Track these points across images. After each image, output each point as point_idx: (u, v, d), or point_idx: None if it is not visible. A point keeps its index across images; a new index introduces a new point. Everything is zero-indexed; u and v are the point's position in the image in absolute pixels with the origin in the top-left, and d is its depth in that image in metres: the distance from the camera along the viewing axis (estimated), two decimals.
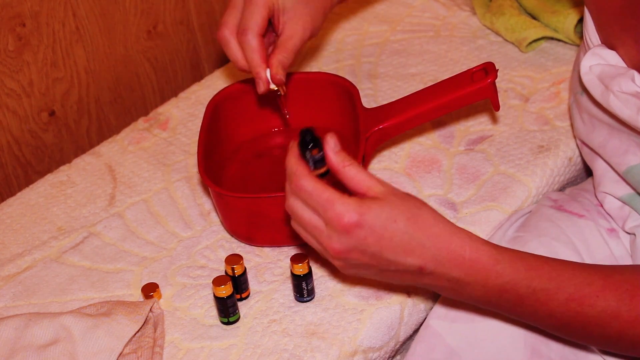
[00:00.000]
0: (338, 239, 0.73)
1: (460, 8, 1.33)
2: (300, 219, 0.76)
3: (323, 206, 0.73)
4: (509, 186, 1.02)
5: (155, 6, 1.27)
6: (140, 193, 1.07)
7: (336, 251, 0.74)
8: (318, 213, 0.74)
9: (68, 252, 1.00)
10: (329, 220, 0.73)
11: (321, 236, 0.75)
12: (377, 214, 0.73)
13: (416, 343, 0.91)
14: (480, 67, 0.97)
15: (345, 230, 0.73)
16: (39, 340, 0.85)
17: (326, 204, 0.73)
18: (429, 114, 0.98)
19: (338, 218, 0.72)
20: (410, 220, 0.74)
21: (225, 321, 0.90)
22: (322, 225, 0.74)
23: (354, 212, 0.72)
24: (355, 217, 0.72)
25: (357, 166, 0.76)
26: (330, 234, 0.74)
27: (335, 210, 0.73)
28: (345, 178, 0.76)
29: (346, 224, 0.72)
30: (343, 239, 0.73)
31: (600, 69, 0.85)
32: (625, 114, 0.82)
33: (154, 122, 1.18)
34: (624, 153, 0.88)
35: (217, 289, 0.88)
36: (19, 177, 1.20)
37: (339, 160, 0.76)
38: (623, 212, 0.94)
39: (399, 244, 0.74)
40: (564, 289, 0.77)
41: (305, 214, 0.75)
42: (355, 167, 0.76)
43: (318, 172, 0.77)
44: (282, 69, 0.90)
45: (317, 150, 0.77)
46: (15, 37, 1.12)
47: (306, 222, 0.76)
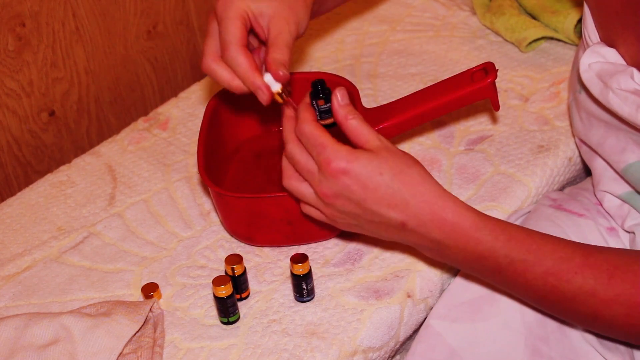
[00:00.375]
0: (326, 183, 0.78)
1: (460, 8, 1.33)
2: (297, 163, 0.80)
3: (317, 149, 0.78)
4: (509, 186, 1.02)
5: (155, 6, 1.28)
6: (140, 193, 1.07)
7: (324, 194, 0.78)
8: (312, 158, 0.79)
9: (68, 252, 1.00)
10: (320, 164, 0.77)
11: (313, 179, 0.79)
12: (365, 164, 0.77)
13: (417, 343, 0.91)
14: (480, 67, 0.97)
15: (332, 175, 0.77)
16: (39, 340, 0.85)
17: (319, 147, 0.77)
18: (429, 114, 0.98)
19: (327, 162, 0.77)
20: (397, 175, 0.77)
21: (225, 321, 0.90)
22: (315, 170, 0.79)
23: (343, 159, 0.77)
24: (343, 163, 0.77)
25: (360, 120, 0.80)
26: (321, 178, 0.78)
27: (326, 154, 0.77)
28: (348, 130, 0.80)
29: (333, 169, 0.77)
30: (331, 184, 0.77)
31: (599, 66, 0.85)
32: (624, 112, 0.82)
33: (153, 122, 1.18)
34: (621, 151, 0.88)
35: (217, 289, 0.88)
36: (19, 177, 1.20)
37: (343, 113, 0.80)
38: (622, 210, 0.94)
39: (382, 196, 0.77)
40: (542, 262, 0.78)
41: (302, 158, 0.80)
42: (358, 120, 0.80)
43: (324, 123, 0.82)
44: (283, 66, 0.86)
45: (323, 102, 0.82)
46: (15, 37, 1.12)
47: (302, 166, 0.80)
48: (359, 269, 0.94)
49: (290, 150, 0.81)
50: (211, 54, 0.86)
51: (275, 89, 0.84)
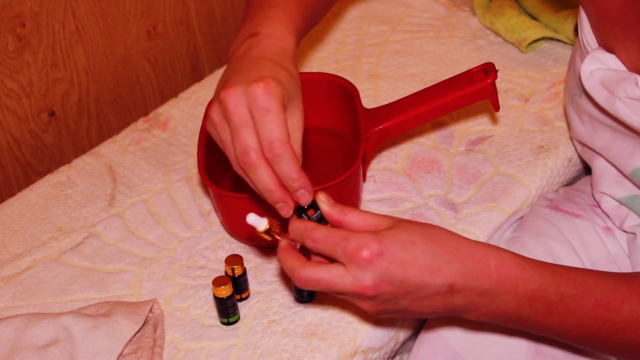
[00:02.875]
0: (363, 275, 0.71)
1: (460, 8, 1.33)
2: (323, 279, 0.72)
3: (340, 245, 0.71)
4: (509, 187, 1.02)
5: (155, 6, 1.27)
6: (140, 193, 1.07)
7: (365, 288, 0.71)
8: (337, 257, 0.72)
9: (68, 253, 1.00)
10: (350, 257, 0.71)
11: (346, 282, 0.71)
12: (395, 239, 0.71)
13: (419, 345, 0.91)
14: (480, 68, 0.97)
15: (368, 262, 0.71)
16: (39, 341, 0.85)
17: (343, 241, 0.71)
18: (429, 115, 0.98)
19: (358, 250, 0.70)
20: (428, 239, 0.73)
21: (225, 321, 0.90)
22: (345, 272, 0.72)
23: (372, 241, 0.71)
24: (375, 246, 0.71)
25: (357, 210, 0.75)
26: (355, 273, 0.71)
27: (353, 244, 0.71)
28: (351, 224, 0.74)
29: (368, 256, 0.70)
30: (368, 273, 0.71)
31: (602, 74, 0.85)
32: (634, 121, 0.82)
33: (153, 122, 1.18)
34: (630, 155, 0.88)
35: (217, 290, 0.88)
36: (19, 178, 1.20)
37: (337, 211, 0.74)
38: (621, 211, 0.94)
39: (423, 265, 0.72)
40: (591, 295, 0.76)
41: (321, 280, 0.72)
42: (354, 212, 0.74)
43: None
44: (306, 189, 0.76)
45: (312, 211, 0.76)
46: (15, 38, 1.12)
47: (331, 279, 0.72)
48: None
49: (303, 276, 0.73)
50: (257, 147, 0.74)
51: (262, 228, 0.76)
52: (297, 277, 0.73)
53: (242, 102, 0.73)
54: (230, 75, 0.77)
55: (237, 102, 0.73)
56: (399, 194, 1.03)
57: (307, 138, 1.07)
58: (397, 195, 1.02)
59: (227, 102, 0.73)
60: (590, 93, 0.86)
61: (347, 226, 0.74)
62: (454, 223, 0.98)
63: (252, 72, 0.75)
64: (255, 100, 0.73)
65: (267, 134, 0.73)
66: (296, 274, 0.73)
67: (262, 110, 0.73)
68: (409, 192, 1.03)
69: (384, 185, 1.04)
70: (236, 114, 0.74)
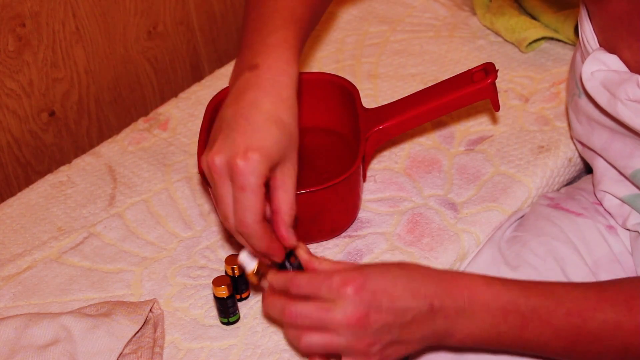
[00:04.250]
0: (353, 307, 0.74)
1: (460, 8, 1.33)
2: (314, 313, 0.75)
3: (324, 284, 0.75)
4: (509, 186, 1.02)
5: (155, 6, 1.27)
6: (140, 193, 1.07)
7: (356, 318, 0.74)
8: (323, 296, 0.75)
9: (68, 253, 1.00)
10: (337, 293, 0.74)
11: (337, 314, 0.74)
12: (373, 269, 0.76)
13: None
14: (480, 68, 0.97)
15: (355, 292, 0.74)
16: (39, 341, 0.85)
17: (326, 280, 0.75)
18: (429, 115, 0.98)
19: (344, 285, 0.74)
20: (400, 266, 0.77)
21: (225, 321, 0.90)
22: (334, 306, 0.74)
23: (354, 274, 0.75)
24: (358, 278, 0.74)
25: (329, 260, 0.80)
26: (344, 306, 0.74)
27: (338, 280, 0.74)
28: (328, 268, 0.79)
29: (353, 287, 0.74)
30: (357, 304, 0.74)
31: (603, 75, 0.85)
32: (636, 123, 0.82)
33: (154, 122, 1.18)
34: (629, 156, 0.88)
35: (217, 289, 0.87)
36: (19, 177, 1.20)
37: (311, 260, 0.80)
38: (623, 209, 0.94)
39: (403, 288, 0.75)
40: (562, 304, 0.77)
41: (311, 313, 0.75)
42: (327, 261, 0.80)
43: None
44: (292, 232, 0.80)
45: (294, 258, 0.81)
46: (15, 38, 1.12)
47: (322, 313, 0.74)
48: None
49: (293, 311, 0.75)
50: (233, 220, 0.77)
51: (250, 269, 0.80)
52: (288, 312, 0.75)
53: (224, 174, 0.76)
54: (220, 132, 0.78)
55: (220, 174, 0.76)
56: (399, 194, 1.03)
57: (307, 138, 1.07)
58: (397, 195, 1.02)
59: (212, 171, 0.76)
60: (591, 94, 0.86)
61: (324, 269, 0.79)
62: (454, 223, 0.98)
63: (239, 137, 0.76)
64: (234, 175, 0.75)
65: (239, 213, 0.76)
66: (287, 310, 0.75)
67: (239, 188, 0.75)
68: (409, 192, 1.03)
69: (384, 185, 1.04)
70: (217, 186, 0.77)
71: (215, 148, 0.76)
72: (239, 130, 0.76)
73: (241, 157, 0.74)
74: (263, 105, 0.77)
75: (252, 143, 0.75)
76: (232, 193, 0.76)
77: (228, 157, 0.75)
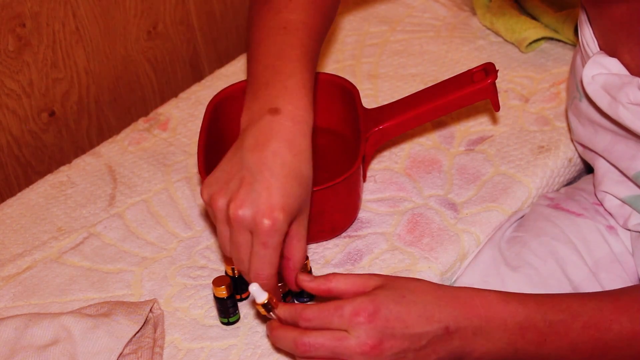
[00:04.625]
0: (366, 334, 0.74)
1: (460, 8, 1.33)
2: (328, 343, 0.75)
3: (336, 315, 0.75)
4: (510, 187, 1.02)
5: (155, 6, 1.27)
6: (140, 193, 1.07)
7: (370, 346, 0.74)
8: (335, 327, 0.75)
9: (68, 253, 1.00)
10: (349, 323, 0.74)
11: (351, 344, 0.74)
12: (386, 295, 0.75)
13: None
14: (480, 68, 0.97)
15: (368, 321, 0.74)
16: (39, 341, 0.85)
17: (338, 311, 0.75)
18: (429, 115, 0.98)
19: (356, 315, 0.74)
20: (415, 292, 0.76)
21: (225, 321, 0.90)
22: (347, 335, 0.74)
23: (366, 302, 0.74)
24: (370, 307, 0.74)
25: (340, 275, 0.78)
26: (358, 334, 0.74)
27: (348, 309, 0.74)
28: (340, 289, 0.78)
29: (366, 316, 0.74)
30: (370, 332, 0.74)
31: (604, 78, 0.85)
32: (637, 126, 0.82)
33: (154, 122, 1.18)
34: (632, 158, 0.88)
35: (217, 290, 0.87)
36: (19, 177, 1.20)
37: (321, 282, 0.79)
38: (624, 210, 0.94)
39: (418, 314, 0.75)
40: (578, 317, 0.77)
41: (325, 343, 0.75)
42: (339, 276, 0.78)
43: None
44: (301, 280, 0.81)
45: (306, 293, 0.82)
46: (15, 38, 1.12)
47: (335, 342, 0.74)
48: (359, 269, 0.94)
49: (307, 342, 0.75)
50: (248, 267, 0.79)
51: (261, 300, 0.78)
52: (301, 343, 0.75)
53: (247, 226, 0.76)
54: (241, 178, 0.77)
55: (242, 225, 0.76)
56: (399, 194, 1.03)
57: None
58: (397, 195, 1.02)
59: (234, 222, 0.76)
60: (592, 98, 0.86)
61: (336, 292, 0.78)
62: (454, 223, 0.98)
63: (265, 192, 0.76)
64: (259, 232, 0.76)
65: (257, 265, 0.77)
66: (299, 341, 0.75)
67: (262, 244, 0.76)
68: (409, 192, 1.03)
69: (384, 185, 1.04)
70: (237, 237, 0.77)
71: (239, 200, 0.76)
72: (263, 184, 0.76)
73: (268, 216, 0.75)
74: (286, 157, 0.77)
75: (277, 202, 0.76)
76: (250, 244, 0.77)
77: (254, 213, 0.75)
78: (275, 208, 0.75)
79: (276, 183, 0.76)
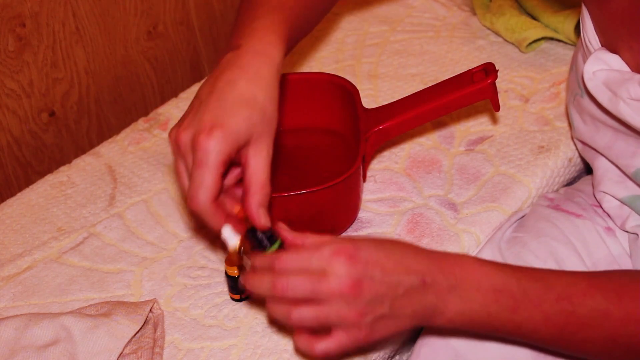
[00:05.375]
0: (346, 275, 0.72)
1: (460, 8, 1.33)
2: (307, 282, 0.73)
3: (315, 255, 0.73)
4: (509, 187, 1.02)
5: (155, 6, 1.27)
6: (140, 193, 1.07)
7: (349, 287, 0.72)
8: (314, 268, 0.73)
9: (68, 253, 1.00)
10: (328, 262, 0.73)
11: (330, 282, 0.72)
12: (365, 241, 0.75)
13: (420, 346, 0.91)
14: (480, 68, 0.97)
15: (348, 261, 0.72)
16: (39, 341, 0.85)
17: (317, 252, 0.73)
18: (429, 115, 0.98)
19: (336, 254, 0.73)
20: (393, 243, 0.77)
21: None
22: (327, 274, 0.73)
23: (346, 243, 0.74)
24: (350, 247, 0.73)
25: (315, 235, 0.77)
26: (337, 274, 0.72)
27: (329, 249, 0.73)
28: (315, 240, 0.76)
29: (346, 256, 0.73)
30: (350, 272, 0.72)
31: (605, 74, 0.85)
32: (637, 122, 0.82)
33: (154, 122, 1.18)
34: (632, 155, 0.88)
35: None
36: (19, 178, 1.20)
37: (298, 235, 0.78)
38: (623, 211, 0.94)
39: (396, 262, 0.74)
40: (552, 288, 0.78)
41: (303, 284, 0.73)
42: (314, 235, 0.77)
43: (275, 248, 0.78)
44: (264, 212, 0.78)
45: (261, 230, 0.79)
46: (15, 38, 1.12)
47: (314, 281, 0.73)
48: None
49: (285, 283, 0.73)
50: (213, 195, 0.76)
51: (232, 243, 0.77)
52: (279, 284, 0.73)
53: (189, 149, 0.76)
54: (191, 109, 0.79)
55: (185, 148, 0.76)
56: (399, 194, 1.03)
57: (307, 138, 1.07)
58: (397, 195, 1.02)
59: (177, 146, 0.77)
60: (593, 94, 0.86)
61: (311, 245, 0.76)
62: (454, 223, 0.98)
63: (206, 114, 0.76)
64: (195, 151, 0.75)
65: (191, 190, 0.76)
66: (277, 282, 0.73)
67: (197, 164, 0.75)
68: (409, 192, 1.03)
69: (384, 185, 1.04)
70: (177, 161, 0.77)
71: (184, 124, 0.77)
72: (208, 108, 0.76)
73: (205, 133, 0.74)
74: (238, 84, 0.78)
75: (217, 121, 0.75)
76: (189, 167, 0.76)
77: (193, 133, 0.75)
78: (215, 126, 0.75)
79: (221, 105, 0.76)
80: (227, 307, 0.92)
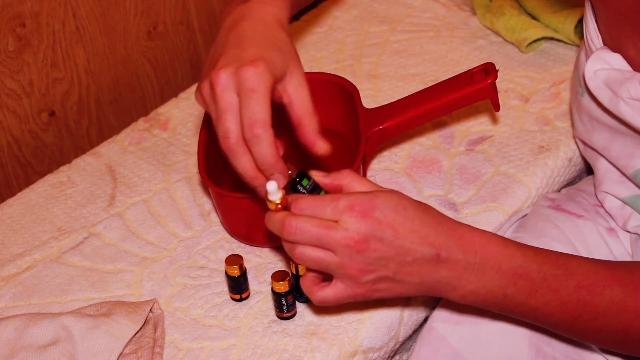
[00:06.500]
0: (355, 229, 0.72)
1: (460, 8, 1.33)
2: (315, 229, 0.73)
3: (331, 206, 0.73)
4: (510, 187, 1.02)
5: (155, 6, 1.28)
6: (140, 193, 1.07)
7: (356, 240, 0.72)
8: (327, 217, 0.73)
9: (68, 253, 1.00)
10: (341, 213, 0.72)
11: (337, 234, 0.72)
12: (387, 199, 0.73)
13: (420, 346, 0.91)
14: (480, 68, 0.97)
15: (360, 216, 0.72)
16: (39, 341, 0.85)
17: (333, 202, 0.73)
18: (429, 115, 0.98)
19: (350, 208, 0.72)
20: (418, 209, 0.75)
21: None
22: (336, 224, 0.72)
23: (364, 198, 0.73)
24: (366, 203, 0.72)
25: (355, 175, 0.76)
26: (347, 226, 0.72)
27: (345, 202, 0.72)
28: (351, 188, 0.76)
29: (360, 210, 0.72)
30: (360, 227, 0.72)
31: (606, 74, 0.85)
32: (638, 122, 0.82)
33: (154, 122, 1.18)
34: (630, 156, 0.88)
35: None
36: (19, 177, 1.20)
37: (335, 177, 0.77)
38: (624, 211, 0.94)
39: (412, 229, 0.73)
40: (573, 276, 0.77)
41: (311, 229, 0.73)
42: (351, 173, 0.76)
43: None
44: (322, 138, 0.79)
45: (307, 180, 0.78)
46: (15, 38, 1.12)
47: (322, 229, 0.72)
48: None
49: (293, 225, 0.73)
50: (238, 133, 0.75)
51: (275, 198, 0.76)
52: (288, 225, 0.73)
53: (231, 85, 0.75)
54: (221, 52, 0.78)
55: (226, 85, 0.75)
56: None
57: None
58: None
59: (216, 85, 0.75)
60: (594, 93, 0.86)
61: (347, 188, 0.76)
62: None
63: (242, 52, 0.76)
64: (243, 82, 0.74)
65: (249, 115, 0.74)
66: (287, 223, 0.73)
67: (249, 91, 0.74)
68: (409, 192, 1.03)
69: (384, 185, 1.04)
70: (222, 98, 0.75)
71: (220, 64, 0.76)
72: (241, 46, 0.77)
73: (249, 64, 0.74)
74: (258, 29, 0.79)
75: (257, 54, 0.75)
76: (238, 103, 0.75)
77: (234, 69, 0.75)
78: (257, 59, 0.75)
79: (252, 43, 0.77)
80: (227, 307, 0.92)
